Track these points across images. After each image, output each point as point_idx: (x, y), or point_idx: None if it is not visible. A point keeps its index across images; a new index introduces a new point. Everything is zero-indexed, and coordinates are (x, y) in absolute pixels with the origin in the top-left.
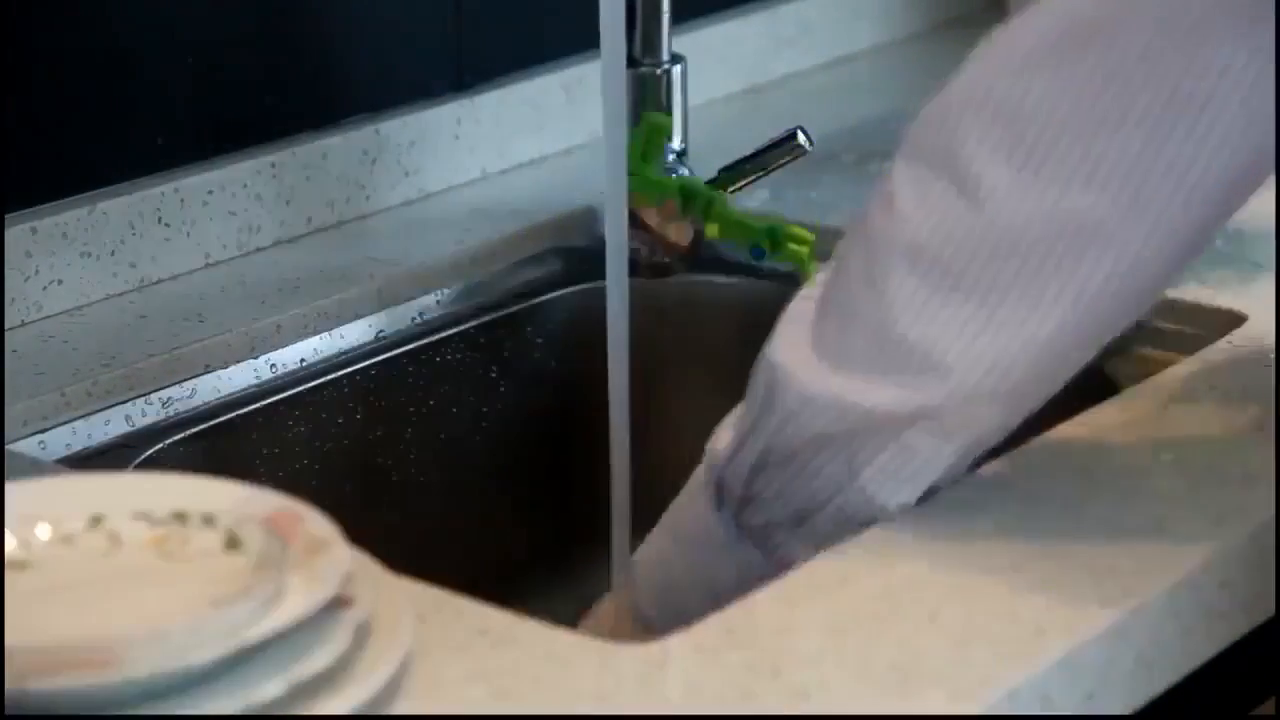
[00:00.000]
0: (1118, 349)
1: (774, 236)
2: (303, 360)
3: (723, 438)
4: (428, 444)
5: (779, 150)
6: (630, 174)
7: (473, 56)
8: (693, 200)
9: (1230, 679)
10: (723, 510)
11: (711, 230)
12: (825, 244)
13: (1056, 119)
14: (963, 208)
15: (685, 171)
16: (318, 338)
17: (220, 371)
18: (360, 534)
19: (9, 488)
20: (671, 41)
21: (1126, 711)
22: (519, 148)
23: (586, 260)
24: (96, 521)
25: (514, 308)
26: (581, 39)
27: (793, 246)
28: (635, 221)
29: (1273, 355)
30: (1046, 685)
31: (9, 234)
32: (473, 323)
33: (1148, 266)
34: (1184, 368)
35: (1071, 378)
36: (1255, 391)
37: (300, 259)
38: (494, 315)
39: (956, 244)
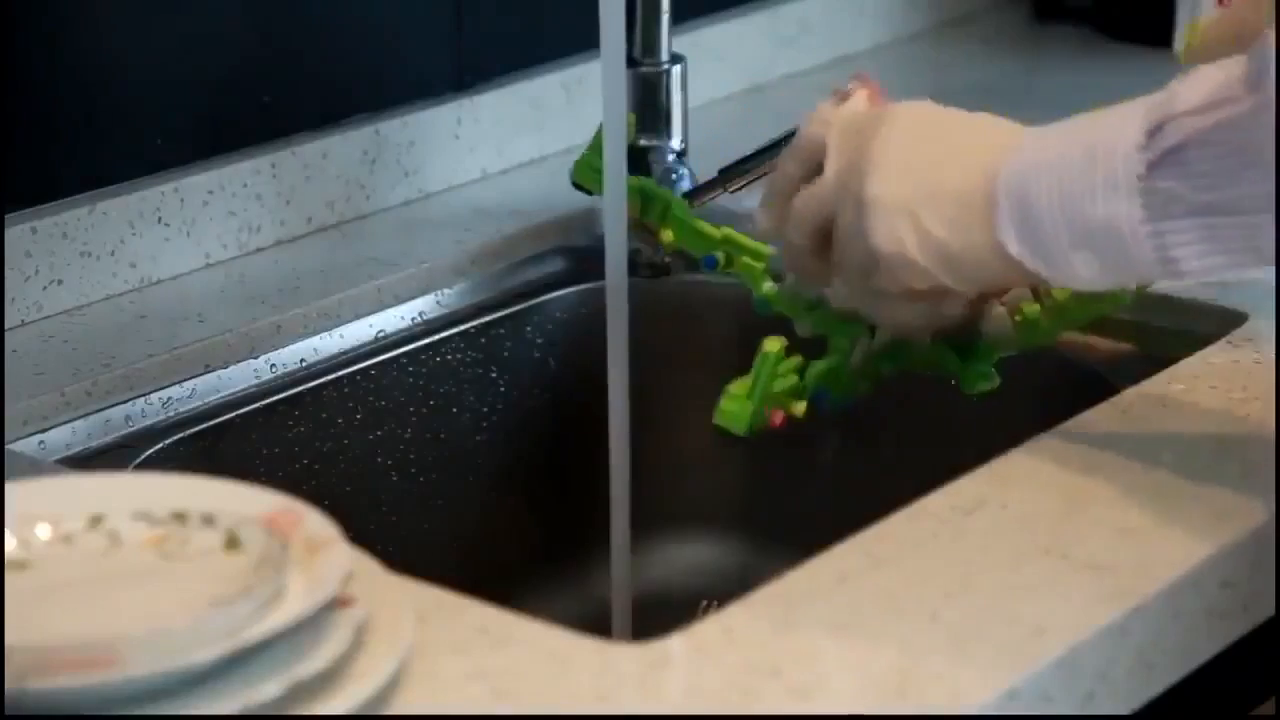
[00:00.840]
0: (1118, 349)
1: (730, 248)
2: (303, 360)
3: (1191, 93)
4: (428, 444)
5: (779, 150)
6: (594, 169)
7: (473, 56)
8: (650, 203)
9: (1230, 679)
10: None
11: (666, 236)
12: None
13: None
14: None
15: (685, 172)
16: (318, 338)
17: (220, 371)
18: (360, 534)
19: (9, 488)
20: (671, 41)
21: (1126, 711)
22: (519, 147)
23: (587, 260)
24: (96, 521)
25: (514, 308)
26: (581, 39)
27: (747, 261)
28: (635, 221)
29: (1273, 355)
30: (1046, 685)
31: (9, 234)
32: (473, 323)
33: None
34: (1184, 368)
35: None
36: (1255, 391)
37: (300, 259)
38: (494, 315)
39: None
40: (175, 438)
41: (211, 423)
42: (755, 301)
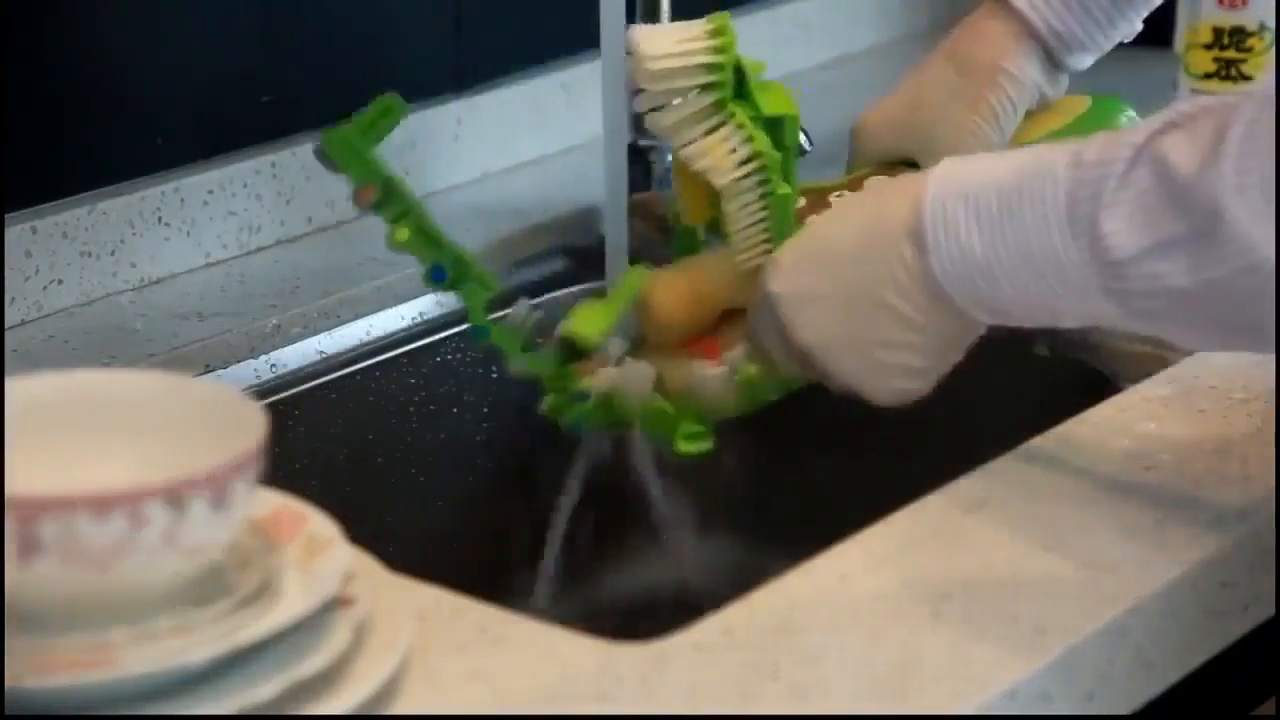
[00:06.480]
0: (1118, 349)
1: (459, 268)
2: (303, 360)
3: (1122, 233)
4: (428, 444)
5: None
6: (343, 140)
7: (473, 56)
8: (390, 199)
9: (1230, 679)
10: (1091, 264)
11: (400, 235)
12: None
13: None
14: None
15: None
16: (318, 338)
17: (220, 371)
18: (360, 534)
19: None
20: None
21: (1126, 711)
22: (519, 148)
23: (587, 260)
24: None
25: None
26: (581, 39)
27: (473, 287)
28: (638, 213)
29: (1272, 355)
30: (1046, 685)
31: (9, 234)
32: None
33: None
34: (1184, 368)
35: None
36: (1255, 391)
37: (300, 259)
38: (494, 315)
39: None
40: None
41: None
42: (470, 330)
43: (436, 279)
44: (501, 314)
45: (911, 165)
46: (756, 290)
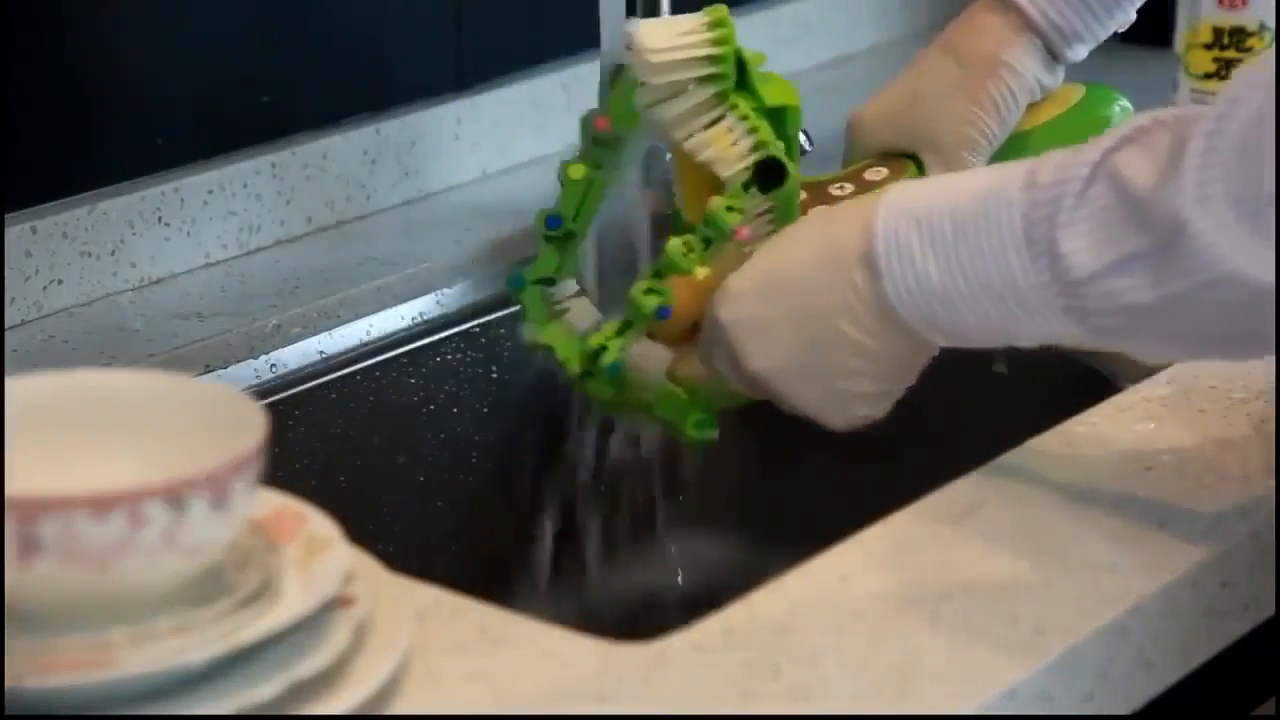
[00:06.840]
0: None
1: (570, 233)
2: (303, 360)
3: (1082, 251)
4: (428, 444)
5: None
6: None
7: (473, 56)
8: (613, 146)
9: (1230, 679)
10: (1049, 289)
11: (576, 171)
12: None
13: None
14: None
15: None
16: (318, 338)
17: (220, 371)
18: (360, 534)
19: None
20: None
21: (1126, 711)
22: (519, 148)
23: None
24: None
25: (514, 308)
26: (581, 39)
27: (560, 252)
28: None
29: (1272, 355)
30: (1046, 685)
31: (9, 234)
32: (473, 323)
33: None
34: (1184, 367)
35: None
36: (1255, 391)
37: (300, 259)
38: (494, 315)
39: None
40: None
41: None
42: (511, 275)
43: (551, 225)
44: (566, 300)
45: (910, 157)
46: (706, 315)
